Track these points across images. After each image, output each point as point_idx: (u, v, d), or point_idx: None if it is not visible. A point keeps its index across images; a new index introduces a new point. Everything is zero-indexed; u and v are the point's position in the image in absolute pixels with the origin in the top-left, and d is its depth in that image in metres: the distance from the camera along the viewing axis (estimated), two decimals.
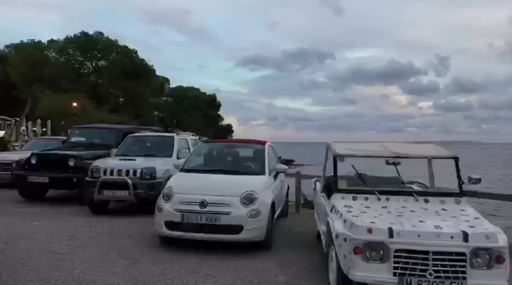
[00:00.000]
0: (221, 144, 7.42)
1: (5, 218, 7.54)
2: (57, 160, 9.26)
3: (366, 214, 4.04)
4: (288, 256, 5.44)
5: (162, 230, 5.56)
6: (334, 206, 4.38)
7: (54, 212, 8.29)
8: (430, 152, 4.85)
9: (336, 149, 4.91)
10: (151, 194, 7.78)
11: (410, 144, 5.68)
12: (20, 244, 5.72)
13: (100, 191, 7.79)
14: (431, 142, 5.89)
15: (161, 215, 5.58)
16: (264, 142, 7.53)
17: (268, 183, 6.08)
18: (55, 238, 6.11)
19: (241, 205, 5.42)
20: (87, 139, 11.06)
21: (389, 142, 5.71)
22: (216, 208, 5.37)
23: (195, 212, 5.38)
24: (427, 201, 4.44)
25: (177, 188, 5.71)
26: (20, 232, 6.38)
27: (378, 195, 4.49)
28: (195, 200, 5.44)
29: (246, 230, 5.34)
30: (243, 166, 6.67)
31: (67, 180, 8.98)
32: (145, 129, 11.81)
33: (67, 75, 26.82)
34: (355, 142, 6.03)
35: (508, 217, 15.66)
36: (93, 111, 25.59)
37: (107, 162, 8.21)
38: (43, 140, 13.39)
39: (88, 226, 6.95)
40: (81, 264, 4.90)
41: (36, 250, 5.45)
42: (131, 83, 27.53)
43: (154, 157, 8.67)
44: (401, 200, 4.45)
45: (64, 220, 7.38)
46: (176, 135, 9.37)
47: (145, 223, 7.26)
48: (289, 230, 7.14)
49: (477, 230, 3.59)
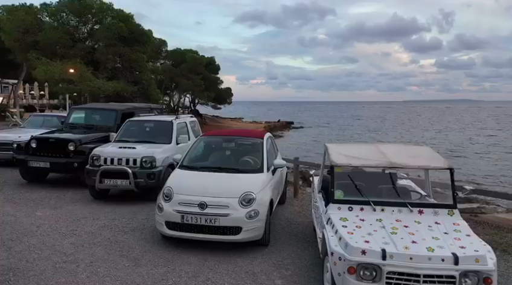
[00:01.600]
0: (220, 137, 7.42)
1: (9, 207, 7.70)
2: (57, 145, 9.31)
3: (361, 229, 4.15)
4: (285, 255, 5.63)
5: (163, 230, 5.72)
6: (330, 219, 4.48)
7: (56, 198, 8.46)
8: (427, 162, 4.89)
9: (333, 158, 4.96)
10: (151, 183, 7.96)
11: (405, 146, 5.72)
12: (26, 242, 5.89)
13: (101, 180, 7.92)
14: (426, 145, 5.89)
15: (162, 215, 5.71)
16: (263, 134, 7.55)
17: (266, 181, 6.16)
18: (59, 233, 6.28)
19: (240, 206, 5.53)
20: (86, 119, 11.06)
21: (385, 145, 5.76)
22: (215, 209, 5.49)
23: (194, 214, 5.51)
24: (421, 213, 4.55)
25: (177, 188, 5.81)
26: (25, 227, 6.55)
27: (373, 206, 4.59)
28: (195, 201, 5.55)
29: (244, 231, 5.49)
30: (241, 162, 6.72)
31: (68, 165, 9.07)
32: (145, 109, 11.76)
33: (62, 41, 26.18)
34: (351, 143, 6.05)
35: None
36: (90, 78, 25.22)
37: (107, 150, 8.26)
38: (42, 117, 13.37)
39: (91, 217, 7.12)
40: (86, 267, 5.08)
41: (41, 249, 5.63)
42: (128, 49, 26.96)
43: (153, 143, 8.71)
44: (396, 212, 4.56)
45: (67, 210, 7.54)
46: (174, 120, 9.35)
47: (146, 212, 7.47)
48: (286, 221, 7.31)
49: (467, 252, 3.71)
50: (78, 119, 11.20)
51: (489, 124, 69.10)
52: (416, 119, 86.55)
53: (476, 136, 47.78)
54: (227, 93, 53.59)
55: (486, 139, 44.86)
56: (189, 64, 43.26)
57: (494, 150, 35.73)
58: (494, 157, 31.39)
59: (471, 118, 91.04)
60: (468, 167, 27.01)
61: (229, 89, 54.56)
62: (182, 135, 9.22)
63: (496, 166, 27.69)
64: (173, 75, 43.47)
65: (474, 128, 60.18)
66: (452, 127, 62.92)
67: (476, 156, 31.97)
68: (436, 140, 42.62)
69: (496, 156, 31.95)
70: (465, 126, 65.49)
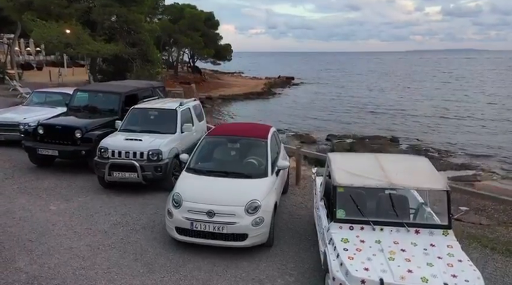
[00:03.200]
0: (225, 138, 7.55)
1: (23, 199, 8.04)
2: (63, 132, 9.49)
3: (361, 253, 4.47)
4: (289, 258, 6.02)
5: (174, 235, 6.07)
6: (332, 239, 4.79)
7: (67, 187, 8.77)
8: (426, 184, 5.11)
9: (336, 177, 5.18)
10: (159, 175, 8.27)
11: (405, 159, 5.91)
12: (44, 243, 6.26)
13: (110, 173, 8.21)
14: (424, 158, 6.03)
15: (172, 221, 6.03)
16: (267, 131, 7.68)
17: (270, 186, 6.42)
18: (75, 233, 6.64)
19: (246, 214, 5.84)
20: (90, 101, 11.15)
21: (386, 157, 5.96)
22: (222, 218, 5.80)
23: (203, 221, 5.83)
24: (418, 232, 4.86)
25: (185, 194, 6.08)
26: (41, 224, 6.90)
27: (373, 226, 4.90)
28: (203, 209, 5.86)
29: (250, 237, 5.85)
30: (246, 164, 6.95)
31: (76, 153, 9.32)
32: (147, 89, 11.80)
33: (57, 0, 25.38)
34: (353, 155, 6.25)
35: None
36: (88, 41, 24.74)
37: (114, 142, 8.45)
38: (44, 94, 13.37)
39: (102, 212, 7.46)
40: (103, 273, 5.47)
41: (59, 252, 6.00)
42: (125, 9, 26.20)
43: (158, 134, 8.88)
44: (394, 231, 4.86)
45: (78, 203, 7.87)
46: (178, 108, 9.44)
47: (154, 205, 7.84)
48: (289, 214, 7.67)
49: (458, 282, 4.05)
50: (81, 99, 11.28)
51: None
52: (417, 74, 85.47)
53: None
54: (227, 50, 52.68)
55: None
56: (187, 20, 42.21)
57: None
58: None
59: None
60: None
61: (229, 45, 53.56)
62: (187, 124, 9.35)
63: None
64: (171, 32, 42.49)
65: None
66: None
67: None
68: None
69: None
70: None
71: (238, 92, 46.96)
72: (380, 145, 24.47)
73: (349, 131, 29.04)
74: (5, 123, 11.40)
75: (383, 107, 39.54)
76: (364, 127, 30.82)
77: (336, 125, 31.70)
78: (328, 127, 30.57)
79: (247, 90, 48.08)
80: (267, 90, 50.36)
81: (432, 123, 31.67)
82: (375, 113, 36.01)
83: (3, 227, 6.79)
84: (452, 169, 20.79)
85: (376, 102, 42.46)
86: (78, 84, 28.79)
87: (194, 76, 52.06)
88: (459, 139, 26.75)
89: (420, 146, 24.84)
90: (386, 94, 49.25)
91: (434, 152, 23.74)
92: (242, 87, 50.96)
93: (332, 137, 26.79)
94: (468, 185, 19.01)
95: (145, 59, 28.70)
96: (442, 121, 32.66)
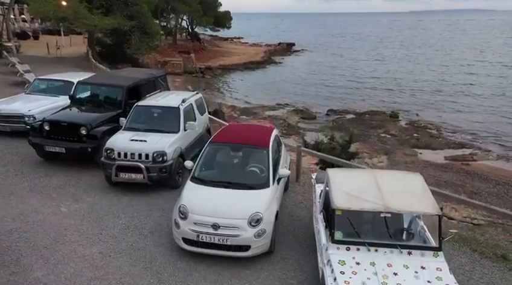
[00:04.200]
0: (227, 145, 7.77)
1: (34, 199, 8.37)
2: (69, 128, 9.71)
3: (356, 277, 4.85)
4: (289, 265, 6.44)
5: (181, 245, 6.45)
6: (330, 261, 5.16)
7: (75, 185, 9.09)
8: (419, 208, 5.39)
9: (334, 199, 5.46)
10: (164, 176, 8.57)
11: (399, 177, 6.15)
12: (59, 250, 6.65)
13: (117, 174, 8.51)
14: (418, 175, 6.29)
15: (179, 231, 6.39)
16: (269, 135, 7.89)
17: (272, 196, 6.73)
18: (86, 238, 7.02)
19: (249, 227, 6.19)
20: (92, 94, 11.28)
21: (381, 174, 6.19)
22: (226, 230, 6.16)
23: (208, 234, 6.19)
24: (410, 254, 5.21)
25: (191, 207, 6.40)
26: (54, 229, 7.27)
27: (368, 247, 5.25)
28: (208, 222, 6.21)
29: (253, 248, 6.24)
30: (248, 173, 7.23)
31: (83, 150, 9.57)
32: (149, 80, 11.90)
33: None
34: (351, 171, 6.47)
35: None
36: (85, 15, 24.31)
37: (120, 143, 8.66)
38: (46, 81, 13.41)
39: (111, 215, 7.82)
40: (116, 284, 5.89)
41: (74, 261, 6.39)
42: None
43: (161, 132, 9.09)
44: (388, 252, 5.22)
45: (88, 205, 8.20)
46: (181, 106, 9.59)
47: (160, 206, 8.20)
48: (289, 215, 8.04)
49: None
50: (84, 92, 11.41)
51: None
52: (418, 39, 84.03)
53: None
54: (226, 18, 51.64)
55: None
56: None
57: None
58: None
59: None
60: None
61: (228, 12, 52.50)
62: (189, 122, 9.54)
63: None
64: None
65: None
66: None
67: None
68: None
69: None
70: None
71: (237, 61, 46.56)
72: (379, 122, 24.69)
73: (349, 106, 29.16)
74: (10, 115, 11.56)
75: (383, 78, 39.39)
76: (364, 100, 30.90)
77: (336, 99, 31.77)
78: (327, 101, 30.64)
79: (247, 59, 47.65)
80: (267, 59, 49.87)
81: (431, 97, 31.67)
82: (375, 85, 35.96)
83: (19, 232, 7.16)
84: (450, 148, 21.11)
85: (376, 73, 42.21)
86: (76, 58, 28.87)
87: (193, 45, 51.42)
88: (458, 115, 26.93)
89: (419, 122, 25.03)
90: (386, 64, 48.79)
91: (433, 129, 23.98)
92: (242, 56, 50.44)
93: (332, 113, 26.97)
94: (464, 165, 19.49)
95: (143, 32, 28.33)
96: (442, 95, 32.63)
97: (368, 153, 19.11)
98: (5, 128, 11.69)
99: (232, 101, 30.03)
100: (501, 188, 15.85)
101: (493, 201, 14.88)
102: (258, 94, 32.64)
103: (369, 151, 19.37)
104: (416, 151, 20.32)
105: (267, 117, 24.60)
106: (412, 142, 21.24)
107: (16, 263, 6.32)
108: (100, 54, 29.93)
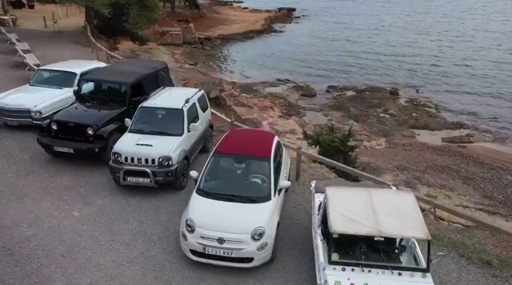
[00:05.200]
0: (231, 157, 8.10)
1: (47, 201, 8.79)
2: (76, 128, 10.01)
3: None
4: (289, 274, 6.97)
5: (188, 255, 6.95)
6: (326, 281, 5.65)
7: (85, 185, 9.50)
8: (410, 233, 5.80)
9: (331, 222, 5.87)
10: (169, 180, 8.98)
11: (391, 198, 6.52)
12: (75, 259, 7.15)
13: (125, 178, 8.91)
14: (410, 193, 6.67)
15: (187, 243, 6.87)
16: (270, 144, 8.21)
17: (274, 208, 7.17)
18: (100, 246, 7.51)
19: (252, 241, 6.66)
20: (96, 91, 11.49)
21: (376, 194, 6.55)
22: (231, 244, 6.64)
23: (214, 247, 6.68)
24: (400, 274, 5.70)
25: (198, 221, 6.84)
26: (69, 235, 7.74)
27: (362, 268, 5.72)
28: (214, 236, 6.68)
29: (256, 259, 6.74)
30: (251, 185, 7.62)
31: (90, 151, 9.92)
32: (151, 74, 12.04)
33: None
34: (348, 189, 6.81)
35: None
36: None
37: (126, 148, 8.97)
38: (49, 72, 13.51)
39: (122, 220, 8.27)
40: None
41: (90, 270, 6.91)
42: None
43: (166, 135, 9.39)
44: (380, 273, 5.70)
45: (98, 208, 8.63)
46: (184, 107, 9.82)
47: (167, 209, 8.65)
48: (289, 218, 8.50)
49: None
50: (88, 87, 11.62)
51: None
52: None
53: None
54: None
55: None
56: None
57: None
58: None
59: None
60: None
61: None
62: (193, 123, 9.82)
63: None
64: None
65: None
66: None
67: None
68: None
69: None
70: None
71: (237, 30, 45.85)
72: (379, 100, 24.85)
73: (349, 81, 29.17)
74: (16, 109, 11.79)
75: (383, 48, 38.92)
76: (363, 75, 30.77)
77: (336, 72, 31.67)
78: (328, 75, 30.55)
79: (247, 28, 46.90)
80: (268, 27, 49.07)
81: (432, 71, 31.49)
82: (375, 58, 35.58)
83: (36, 239, 7.64)
84: (448, 128, 21.45)
85: (377, 44, 41.59)
86: (74, 33, 28.52)
87: (192, 12, 50.36)
88: (457, 92, 27.00)
89: (419, 100, 25.20)
90: (388, 33, 47.90)
91: (432, 107, 24.21)
92: (242, 24, 49.57)
93: (332, 89, 27.05)
94: (461, 147, 19.88)
95: (141, 5, 27.83)
96: (442, 69, 32.42)
97: (366, 135, 19.48)
98: (13, 123, 11.96)
99: (232, 76, 29.97)
100: (495, 173, 16.32)
101: (486, 187, 15.42)
102: (258, 68, 32.53)
103: (368, 133, 19.73)
104: (414, 132, 20.70)
105: (268, 95, 24.72)
106: (410, 122, 21.55)
107: (36, 273, 6.84)
108: (98, 27, 29.52)
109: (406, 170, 16.11)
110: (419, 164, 16.75)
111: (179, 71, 27.38)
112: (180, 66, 30.57)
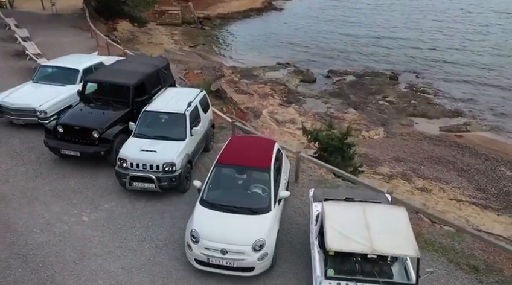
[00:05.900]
0: (233, 167, 8.42)
1: (57, 205, 9.19)
2: (81, 131, 10.31)
3: None
4: (288, 280, 7.44)
5: (193, 264, 7.40)
6: None
7: (92, 188, 9.88)
8: (402, 251, 6.20)
9: (328, 240, 6.27)
10: (174, 185, 9.35)
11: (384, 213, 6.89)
12: (87, 266, 7.61)
13: (131, 183, 9.28)
14: (402, 209, 7.04)
15: (192, 253, 7.31)
16: (271, 152, 8.53)
17: (273, 219, 7.57)
18: (109, 252, 7.95)
19: (253, 252, 7.10)
20: (100, 92, 11.71)
21: (371, 209, 6.92)
22: (233, 255, 7.08)
23: (217, 257, 7.12)
24: None
25: (202, 233, 7.25)
26: (80, 241, 8.18)
27: (355, 283, 6.17)
28: (217, 247, 7.11)
29: (256, 269, 7.20)
30: (252, 196, 7.98)
31: (96, 153, 10.26)
32: (153, 73, 12.23)
33: None
34: (345, 205, 7.17)
35: None
36: None
37: (131, 154, 9.29)
38: (51, 69, 13.65)
39: (128, 225, 8.69)
40: None
41: (101, 277, 7.37)
42: None
43: (169, 140, 9.70)
44: None
45: (106, 213, 9.04)
46: (187, 111, 10.08)
47: (171, 213, 9.06)
48: (288, 223, 8.91)
49: None
50: (92, 88, 11.84)
51: None
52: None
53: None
54: None
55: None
56: None
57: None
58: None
59: None
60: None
61: None
62: (195, 127, 10.11)
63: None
64: None
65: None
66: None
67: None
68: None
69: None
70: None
71: (237, 8, 45.20)
72: (378, 86, 24.93)
73: (349, 64, 29.12)
74: (22, 109, 12.04)
75: (385, 32, 38.40)
76: (362, 58, 30.61)
77: (335, 52, 31.54)
78: (327, 57, 30.43)
79: (247, 6, 46.19)
80: (268, 5, 48.36)
81: (433, 57, 31.16)
82: (377, 42, 35.22)
83: (48, 245, 8.08)
84: (445, 116, 21.69)
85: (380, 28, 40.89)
86: (73, 16, 28.28)
87: None
88: (456, 78, 26.95)
89: (418, 86, 25.27)
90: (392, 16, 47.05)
91: (431, 94, 24.32)
92: (241, 1, 48.73)
93: (332, 74, 27.08)
94: (458, 137, 20.18)
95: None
96: (442, 53, 32.14)
97: (365, 125, 19.74)
98: (19, 121, 12.24)
99: (232, 60, 29.88)
100: (489, 164, 16.70)
101: (480, 179, 15.83)
102: (258, 50, 32.39)
103: (366, 122, 19.99)
104: (413, 121, 20.96)
105: (268, 81, 24.78)
106: (409, 110, 21.77)
107: (51, 280, 7.30)
108: (97, 9, 29.20)
109: (403, 162, 16.49)
110: (416, 155, 17.11)
111: (178, 54, 27.35)
112: (180, 48, 30.45)
